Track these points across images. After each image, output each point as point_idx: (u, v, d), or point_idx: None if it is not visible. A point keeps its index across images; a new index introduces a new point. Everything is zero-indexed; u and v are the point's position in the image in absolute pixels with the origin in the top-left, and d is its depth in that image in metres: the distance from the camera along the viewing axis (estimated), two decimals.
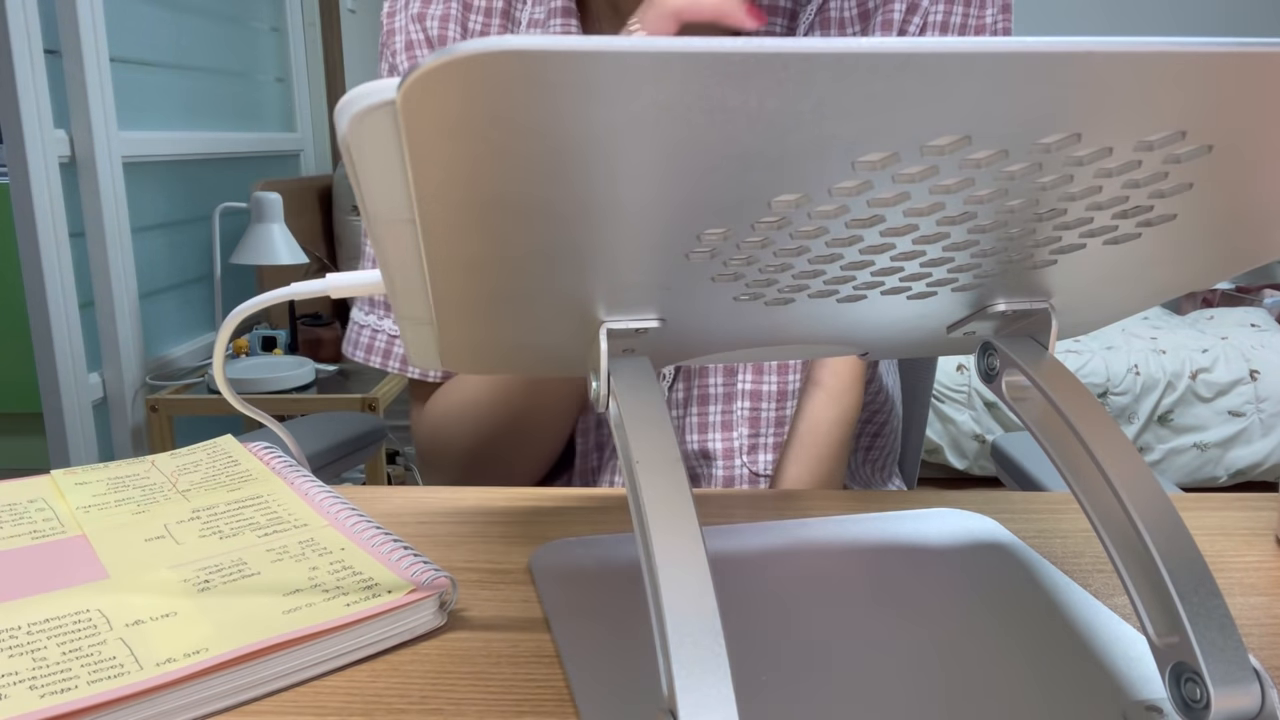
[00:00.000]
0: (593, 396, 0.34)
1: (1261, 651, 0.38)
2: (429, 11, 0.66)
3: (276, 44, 2.61)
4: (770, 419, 0.67)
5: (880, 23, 0.64)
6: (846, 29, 0.65)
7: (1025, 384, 0.37)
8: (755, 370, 0.67)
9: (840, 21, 0.65)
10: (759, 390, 0.67)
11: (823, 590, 0.41)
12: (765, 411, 0.67)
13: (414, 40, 0.66)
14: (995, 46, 0.21)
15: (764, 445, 0.67)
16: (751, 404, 0.67)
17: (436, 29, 0.66)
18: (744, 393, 0.67)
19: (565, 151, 0.23)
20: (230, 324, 0.42)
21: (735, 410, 0.66)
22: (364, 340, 0.70)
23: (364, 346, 0.70)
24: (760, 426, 0.66)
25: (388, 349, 0.69)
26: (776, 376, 0.66)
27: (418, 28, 0.66)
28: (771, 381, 0.66)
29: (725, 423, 0.67)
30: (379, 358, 0.69)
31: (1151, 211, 0.29)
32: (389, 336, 0.69)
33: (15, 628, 0.35)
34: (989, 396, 2.46)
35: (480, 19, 0.66)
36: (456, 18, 0.66)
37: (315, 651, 0.35)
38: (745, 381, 0.67)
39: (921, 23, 0.64)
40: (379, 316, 0.69)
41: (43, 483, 0.50)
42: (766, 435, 0.66)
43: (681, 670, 0.25)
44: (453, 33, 0.66)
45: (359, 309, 0.71)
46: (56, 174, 1.67)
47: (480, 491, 0.54)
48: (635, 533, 0.29)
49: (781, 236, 0.28)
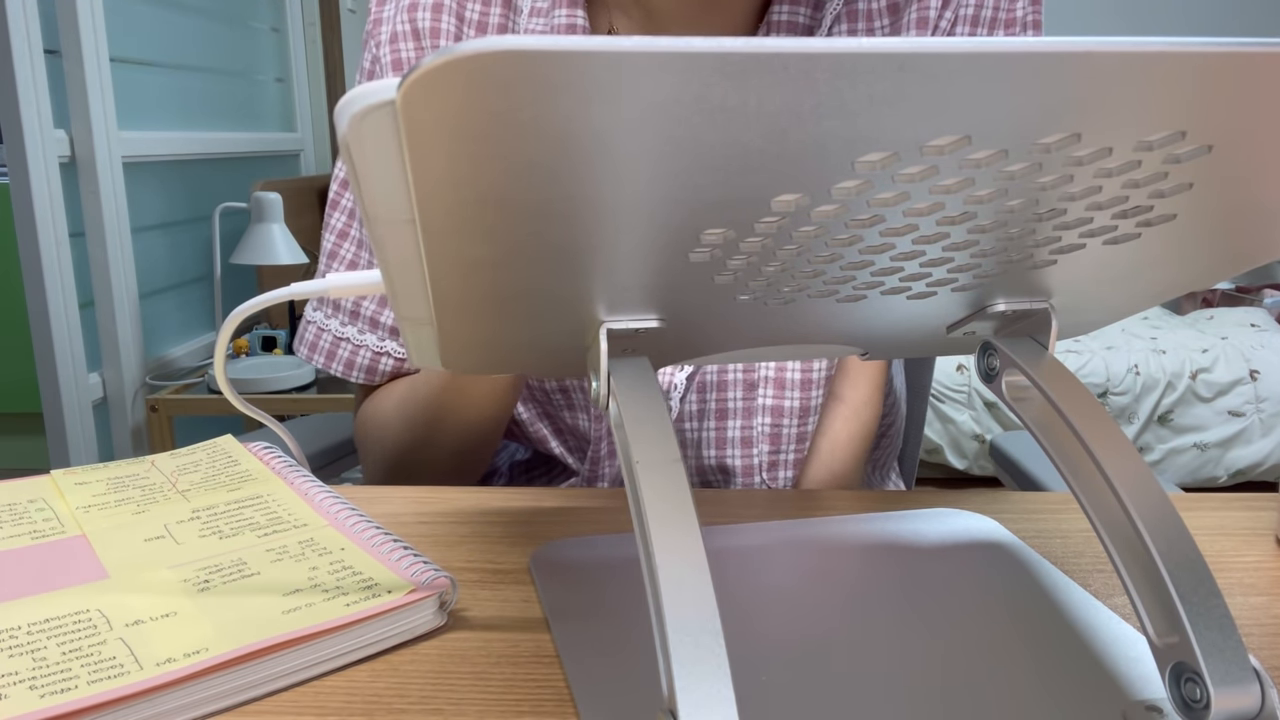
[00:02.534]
0: (593, 396, 0.34)
1: (1261, 651, 0.38)
2: (421, 1, 0.64)
3: (276, 44, 2.61)
4: (792, 435, 0.65)
5: (915, 19, 0.63)
6: (874, 21, 0.63)
7: (1025, 384, 0.37)
8: (777, 385, 0.65)
9: (868, 14, 0.63)
10: (780, 406, 0.65)
11: (822, 590, 0.41)
12: (787, 428, 0.65)
13: (399, 32, 0.64)
14: (995, 46, 0.21)
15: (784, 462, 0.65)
16: (773, 420, 0.65)
17: (428, 20, 0.63)
18: (765, 408, 0.65)
19: (566, 151, 0.23)
20: (230, 324, 0.42)
21: (756, 426, 0.65)
22: (309, 337, 0.68)
23: (308, 344, 0.68)
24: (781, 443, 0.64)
25: (332, 350, 0.67)
26: (799, 392, 0.64)
27: (405, 19, 0.64)
28: (794, 397, 0.64)
29: (745, 439, 0.65)
30: (322, 358, 0.67)
31: (1151, 211, 0.29)
32: (335, 337, 0.67)
33: (15, 628, 0.35)
34: (989, 396, 2.46)
35: (479, 6, 0.64)
36: (451, 7, 0.64)
37: (315, 651, 0.35)
38: (766, 397, 0.65)
39: (953, 17, 0.63)
40: (326, 315, 0.68)
41: (43, 483, 0.50)
42: (788, 452, 0.65)
43: (681, 670, 0.25)
44: (446, 23, 0.64)
45: (311, 304, 0.69)
46: (56, 174, 1.67)
47: (480, 491, 0.54)
48: (635, 533, 0.29)
49: (782, 237, 0.28)
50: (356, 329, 0.67)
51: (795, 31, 0.62)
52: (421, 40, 0.64)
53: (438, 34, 0.64)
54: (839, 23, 0.63)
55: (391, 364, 0.66)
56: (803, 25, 0.63)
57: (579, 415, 0.68)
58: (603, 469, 0.68)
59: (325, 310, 0.68)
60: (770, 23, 0.63)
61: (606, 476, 0.68)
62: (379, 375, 0.67)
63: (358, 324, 0.67)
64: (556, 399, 0.68)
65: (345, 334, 0.67)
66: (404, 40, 0.64)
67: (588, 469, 0.68)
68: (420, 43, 0.64)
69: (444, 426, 0.62)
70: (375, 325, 0.66)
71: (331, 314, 0.68)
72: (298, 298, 0.41)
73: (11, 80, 1.56)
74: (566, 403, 0.69)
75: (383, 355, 0.66)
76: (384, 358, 0.66)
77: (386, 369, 0.66)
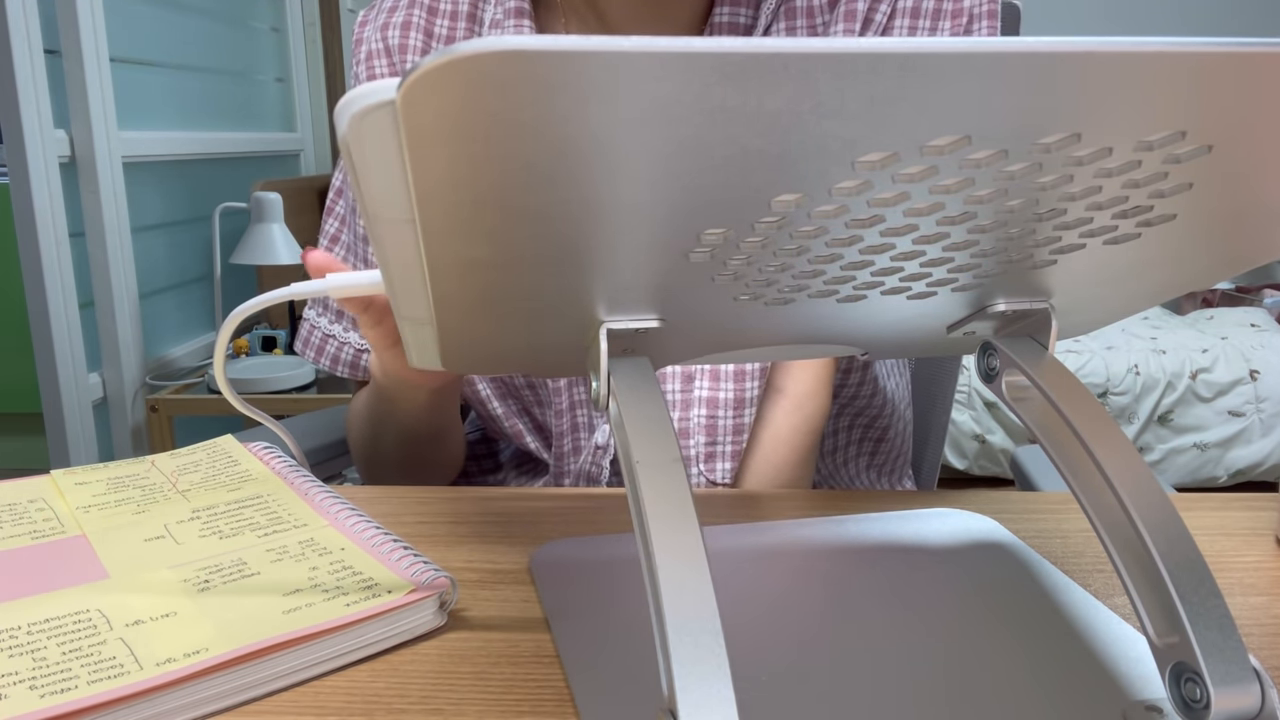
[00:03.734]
0: (593, 396, 0.34)
1: (1261, 651, 0.38)
2: (392, 20, 0.67)
3: (276, 44, 2.61)
4: (728, 427, 0.64)
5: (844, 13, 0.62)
6: (816, 17, 0.63)
7: (1025, 384, 0.37)
8: (712, 377, 0.64)
9: (809, 10, 0.63)
10: (715, 398, 0.64)
11: (823, 590, 0.41)
12: (723, 420, 0.64)
13: (374, 50, 0.67)
14: (995, 46, 0.21)
15: (722, 454, 0.64)
16: (708, 411, 0.64)
17: (397, 37, 0.66)
18: (700, 400, 0.64)
19: (565, 152, 0.23)
20: (230, 324, 0.42)
21: (692, 418, 0.64)
22: (305, 335, 0.72)
23: (304, 341, 0.72)
24: (717, 434, 0.64)
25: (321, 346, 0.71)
26: (733, 384, 0.64)
27: (378, 37, 0.67)
28: (729, 389, 0.64)
29: (681, 430, 0.65)
30: (313, 353, 0.71)
31: (1151, 211, 0.29)
32: (324, 334, 0.71)
33: (15, 628, 0.35)
34: (989, 396, 2.46)
35: (446, 23, 0.67)
36: (419, 24, 0.66)
37: (315, 651, 0.35)
38: (702, 389, 0.64)
39: (889, 9, 0.62)
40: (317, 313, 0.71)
41: (43, 483, 0.50)
42: (724, 444, 0.64)
43: (681, 670, 0.25)
44: (414, 39, 0.66)
45: (310, 307, 0.72)
46: (56, 174, 1.67)
47: (480, 491, 0.54)
48: (635, 533, 0.29)
49: (781, 237, 0.28)
50: (341, 327, 0.70)
51: (736, 32, 0.63)
52: (393, 57, 0.67)
53: (405, 50, 0.66)
54: (777, 20, 0.63)
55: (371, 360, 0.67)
56: (743, 26, 0.63)
57: (548, 412, 0.68)
58: (567, 464, 0.67)
59: (317, 309, 0.71)
60: (713, 25, 0.63)
61: (571, 473, 0.67)
62: (360, 371, 0.70)
63: (343, 322, 0.70)
64: (526, 395, 0.69)
65: (332, 331, 0.70)
66: (378, 58, 0.67)
67: (554, 463, 0.68)
68: (392, 59, 0.67)
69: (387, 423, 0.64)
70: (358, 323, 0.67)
71: (322, 312, 0.71)
72: (298, 298, 0.41)
73: (11, 80, 1.56)
74: (535, 399, 0.69)
75: (364, 352, 0.69)
76: (365, 354, 0.69)
77: (366, 364, 0.69)
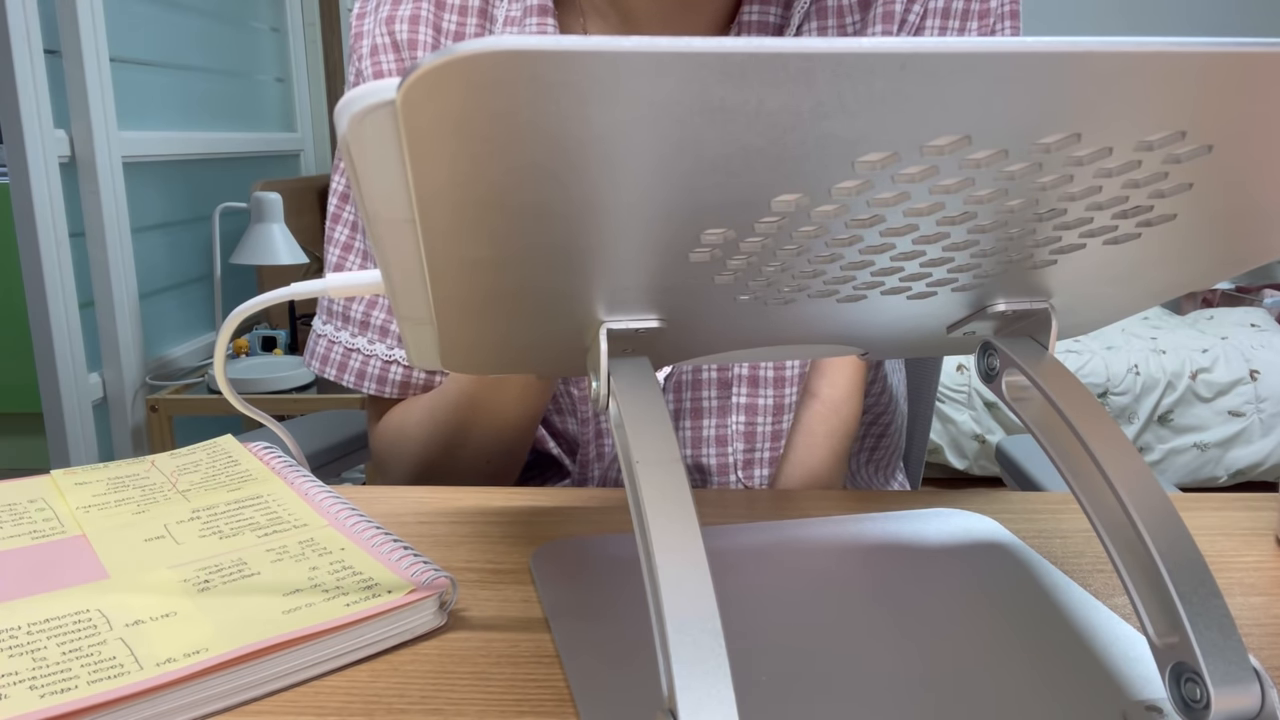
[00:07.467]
0: (593, 396, 0.34)
1: (1261, 651, 0.38)
2: (398, 14, 0.64)
3: (276, 44, 2.61)
4: (766, 434, 0.65)
5: (881, 14, 0.62)
6: (845, 17, 0.63)
7: (1025, 384, 0.37)
8: (751, 384, 0.65)
9: (839, 10, 0.63)
10: (755, 404, 0.65)
11: (823, 590, 0.41)
12: (761, 426, 0.65)
13: (379, 45, 0.64)
14: (995, 46, 0.21)
15: (760, 460, 0.65)
16: (747, 418, 0.65)
17: (405, 32, 0.64)
18: (739, 407, 0.65)
19: (565, 152, 0.23)
20: (230, 324, 0.42)
21: (730, 425, 0.65)
22: (319, 351, 0.68)
23: (319, 358, 0.68)
24: (756, 441, 0.65)
25: (343, 362, 0.67)
26: (773, 390, 0.65)
27: (384, 31, 0.64)
28: (768, 395, 0.64)
29: (720, 437, 0.66)
30: (334, 370, 0.67)
31: (1151, 211, 0.29)
32: (345, 349, 0.67)
33: (15, 628, 0.35)
34: (989, 396, 2.46)
35: (455, 17, 0.64)
36: (428, 19, 0.64)
37: (315, 651, 0.35)
38: (741, 395, 0.65)
39: (922, 9, 0.62)
40: (336, 328, 0.67)
41: (43, 483, 0.50)
42: (763, 450, 0.65)
43: (681, 670, 0.25)
44: (423, 35, 0.64)
45: (319, 318, 0.69)
46: (56, 174, 1.67)
47: (480, 491, 0.54)
48: (635, 533, 0.29)
49: (782, 237, 0.28)
50: (366, 339, 0.67)
51: (766, 31, 0.62)
52: (401, 52, 0.64)
53: (415, 45, 0.64)
54: (809, 20, 0.63)
55: (400, 372, 0.66)
56: (773, 25, 0.63)
57: (568, 419, 0.69)
58: (591, 471, 0.68)
59: (335, 323, 0.67)
60: (741, 23, 0.62)
61: (595, 478, 0.68)
62: (389, 385, 0.66)
63: (368, 334, 0.66)
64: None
65: (355, 345, 0.67)
66: (384, 53, 0.65)
67: (578, 470, 0.69)
68: (400, 54, 0.64)
69: (476, 425, 0.61)
70: (385, 334, 0.66)
71: (341, 326, 0.67)
72: (298, 298, 0.41)
73: (11, 80, 1.56)
74: (555, 407, 0.69)
75: (391, 364, 0.66)
76: (393, 366, 0.66)
77: (396, 378, 0.66)
